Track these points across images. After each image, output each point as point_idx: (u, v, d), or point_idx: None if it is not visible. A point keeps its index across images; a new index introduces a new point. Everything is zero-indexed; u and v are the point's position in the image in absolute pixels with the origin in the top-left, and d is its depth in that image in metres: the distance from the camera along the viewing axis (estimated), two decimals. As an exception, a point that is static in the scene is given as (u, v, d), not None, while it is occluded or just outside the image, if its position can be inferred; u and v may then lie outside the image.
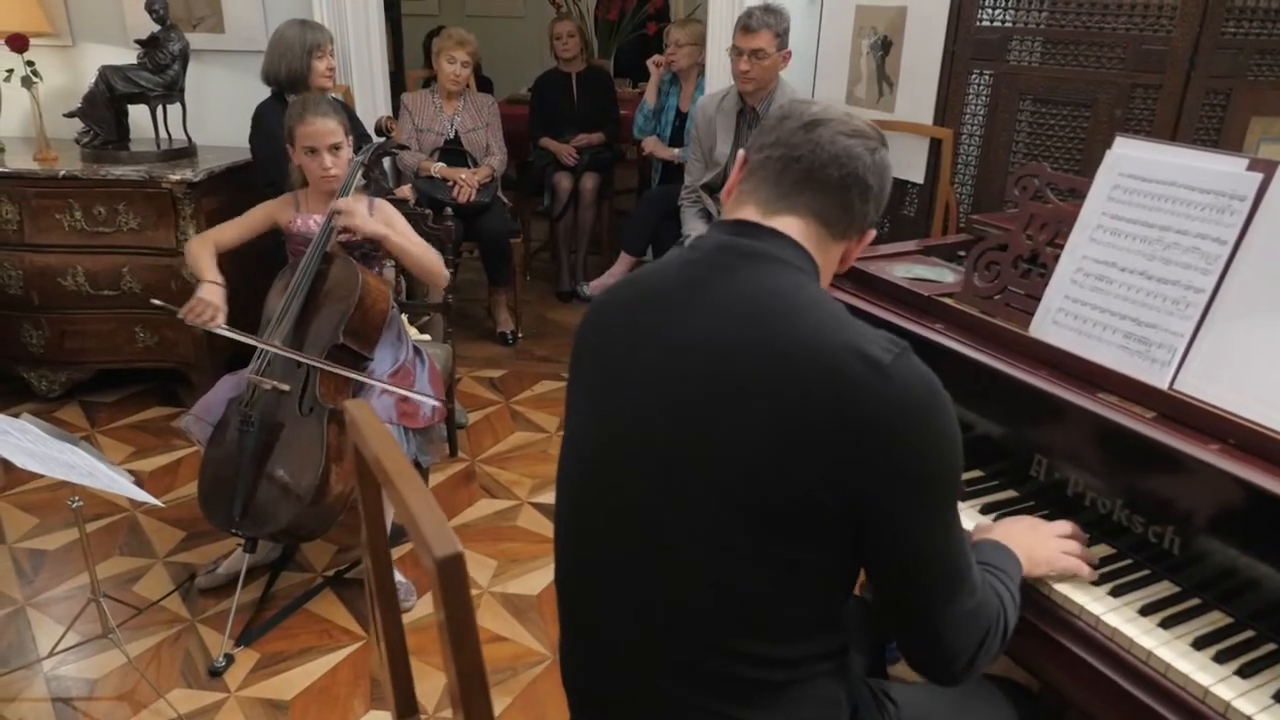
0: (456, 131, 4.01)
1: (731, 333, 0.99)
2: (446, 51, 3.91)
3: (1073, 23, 2.63)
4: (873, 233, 1.16)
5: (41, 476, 2.91)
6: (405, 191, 3.57)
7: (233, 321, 2.34)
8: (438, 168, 3.88)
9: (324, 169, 2.40)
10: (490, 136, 4.09)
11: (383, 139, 2.57)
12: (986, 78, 2.80)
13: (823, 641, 1.02)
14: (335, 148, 2.38)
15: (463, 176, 3.81)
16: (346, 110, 2.40)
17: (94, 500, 2.77)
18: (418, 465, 2.53)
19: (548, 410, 3.51)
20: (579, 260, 4.78)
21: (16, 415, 2.02)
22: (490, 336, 4.13)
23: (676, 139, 4.19)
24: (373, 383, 2.32)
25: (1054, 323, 1.47)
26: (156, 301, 2.34)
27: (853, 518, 0.94)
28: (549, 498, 2.92)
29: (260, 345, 2.25)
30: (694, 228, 3.20)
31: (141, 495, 1.77)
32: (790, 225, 1.07)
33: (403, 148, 2.76)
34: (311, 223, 2.45)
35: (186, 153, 3.44)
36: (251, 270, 2.68)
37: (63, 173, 3.16)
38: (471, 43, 3.95)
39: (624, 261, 4.11)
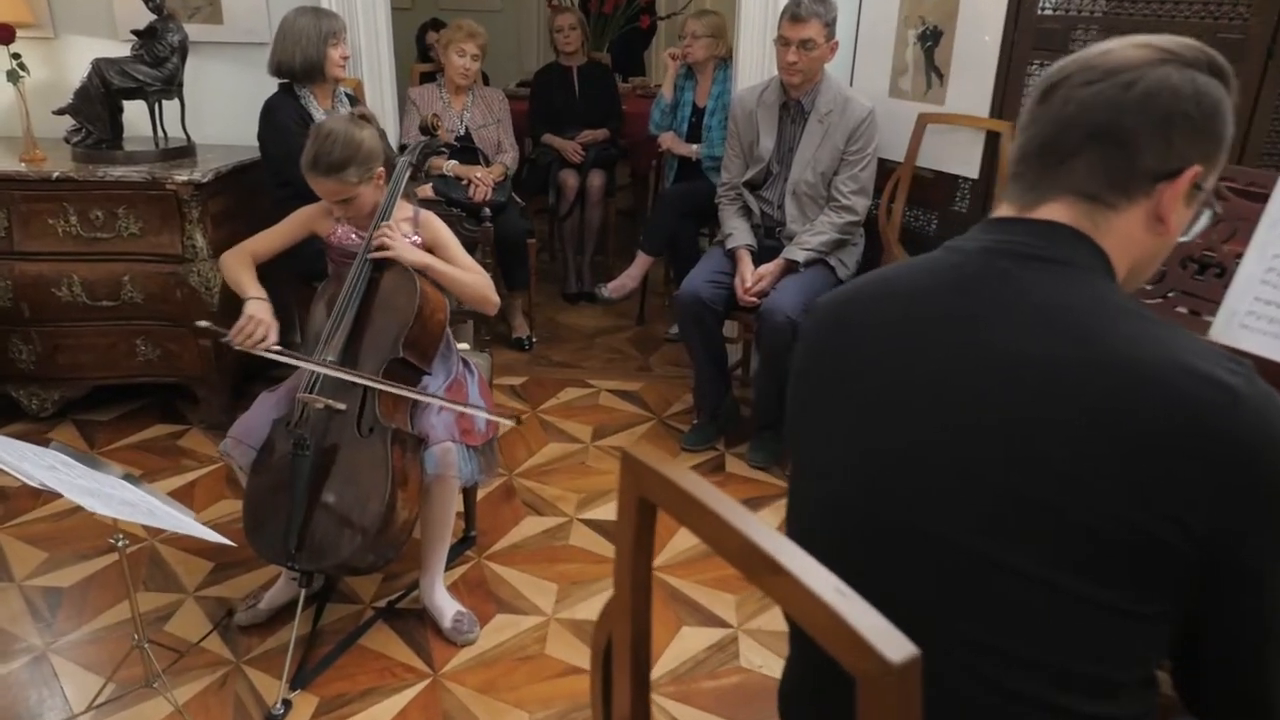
0: (467, 128, 3.82)
1: (1033, 347, 0.86)
2: (455, 44, 3.73)
3: (1141, 10, 2.55)
4: (1194, 170, 0.91)
5: (44, 505, 2.69)
6: (426, 191, 3.38)
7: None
8: (450, 166, 3.69)
9: (335, 215, 2.21)
10: (501, 133, 3.91)
11: (427, 138, 2.39)
12: (1048, 68, 2.70)
13: (1128, 704, 0.90)
14: (345, 201, 2.16)
15: (478, 175, 3.63)
16: (373, 126, 2.19)
17: (104, 529, 2.55)
18: (467, 490, 2.36)
19: (578, 419, 3.35)
20: (586, 261, 4.62)
21: (45, 444, 1.82)
22: (503, 341, 3.95)
23: (693, 135, 4.06)
24: (431, 399, 2.15)
25: (1242, 326, 1.37)
26: (203, 323, 2.13)
27: (1201, 559, 0.81)
28: (599, 513, 2.77)
29: (314, 368, 2.06)
30: (733, 226, 3.06)
31: (212, 535, 1.58)
32: (1055, 211, 0.94)
33: (451, 146, 2.58)
34: (353, 236, 2.26)
35: (186, 152, 3.21)
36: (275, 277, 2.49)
37: (56, 174, 2.91)
38: (482, 35, 3.77)
39: (642, 262, 3.96)
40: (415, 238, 2.26)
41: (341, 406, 2.05)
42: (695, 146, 4.00)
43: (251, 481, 2.11)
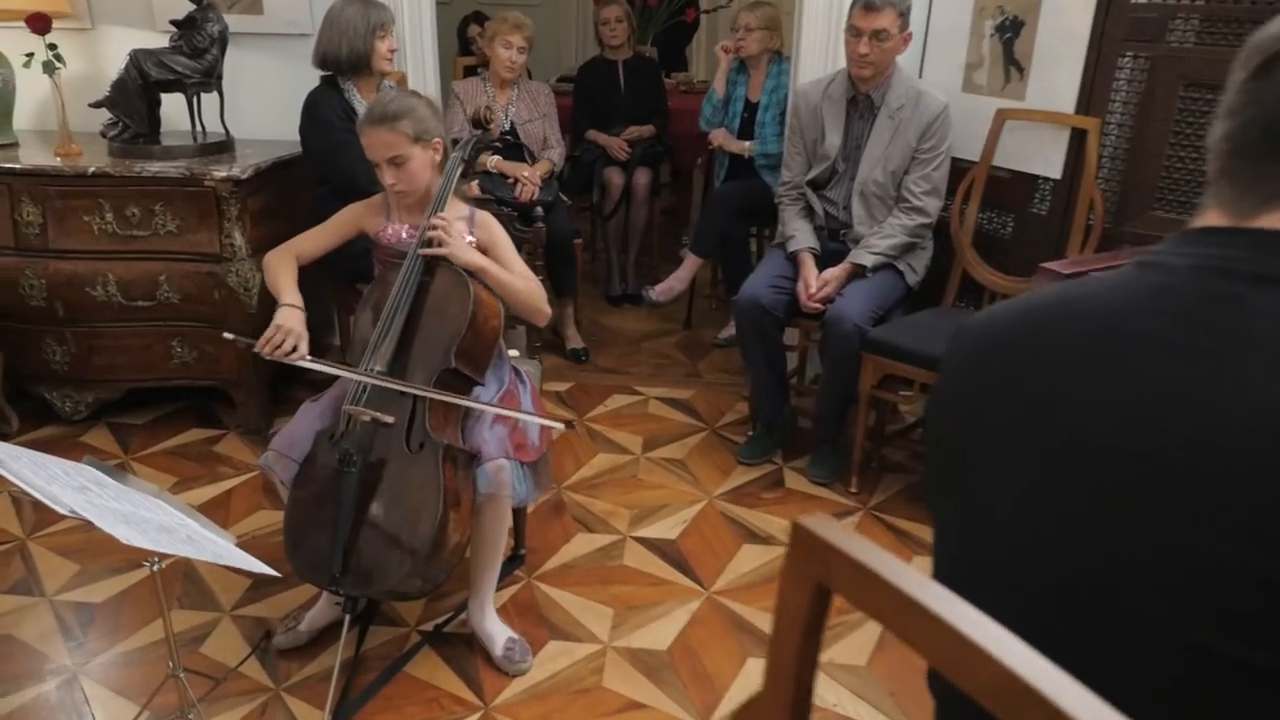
0: (512, 122, 3.68)
1: None
2: (501, 36, 3.59)
3: (1247, -3, 2.35)
4: None
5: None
6: (474, 189, 3.25)
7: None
8: (494, 162, 3.55)
9: (386, 184, 2.08)
10: (548, 128, 3.77)
11: (480, 132, 2.25)
12: (1141, 61, 2.52)
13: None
14: (395, 161, 2.03)
15: (524, 173, 3.49)
16: (430, 106, 2.06)
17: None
18: (517, 507, 2.21)
19: (627, 428, 3.20)
20: (630, 262, 4.47)
21: (77, 461, 1.70)
22: (554, 352, 3.76)
23: (745, 131, 3.89)
24: (486, 407, 2.00)
25: None
26: (229, 335, 2.00)
27: None
28: (652, 530, 2.62)
29: (353, 376, 1.93)
30: (796, 228, 2.90)
31: (255, 565, 1.44)
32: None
33: (505, 140, 2.44)
34: (404, 234, 2.13)
35: (224, 147, 3.10)
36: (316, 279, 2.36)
37: (92, 169, 2.81)
38: (528, 26, 3.63)
39: (690, 263, 3.80)
40: (470, 238, 2.12)
41: (389, 420, 1.91)
42: (748, 144, 3.84)
43: (293, 497, 1.98)
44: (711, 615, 2.28)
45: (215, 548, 1.46)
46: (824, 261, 2.85)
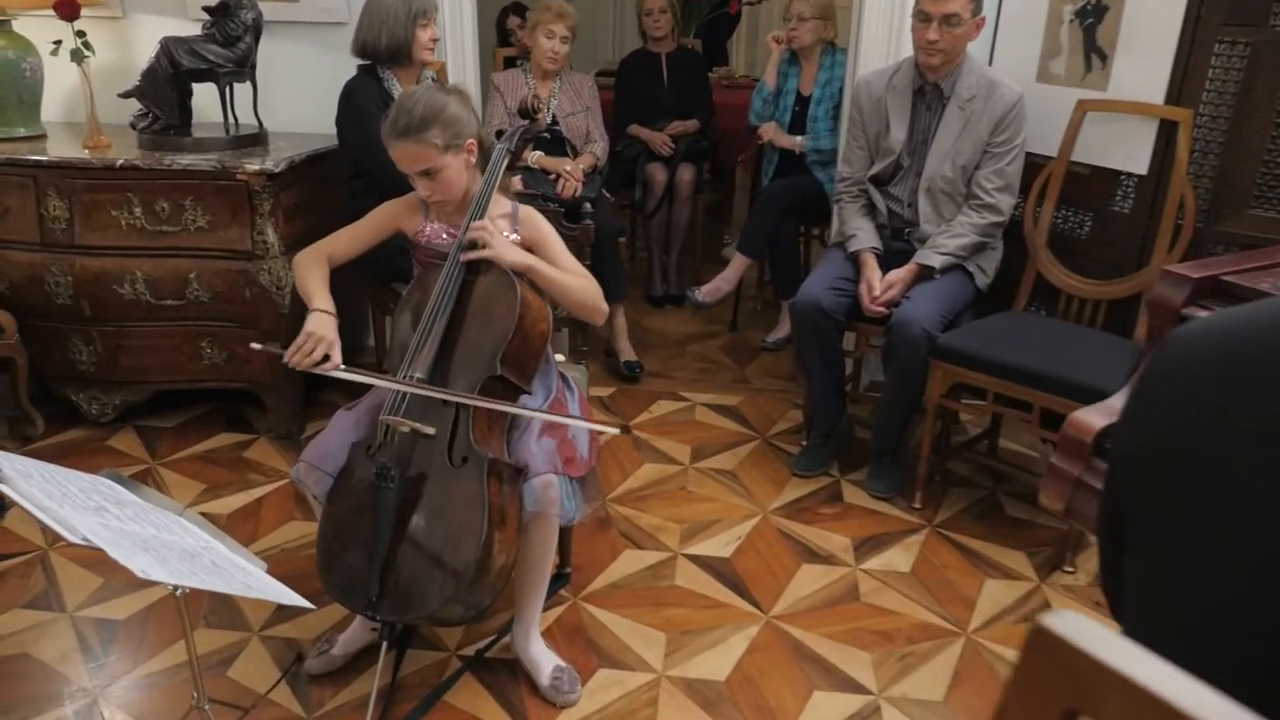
0: (554, 115, 3.53)
1: None
2: (544, 25, 3.44)
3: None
4: None
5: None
6: (515, 183, 3.10)
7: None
8: (535, 157, 3.40)
9: (421, 195, 1.93)
10: (590, 121, 3.61)
11: (527, 123, 2.10)
12: (1240, 47, 2.32)
13: None
14: (427, 173, 1.87)
15: (566, 168, 3.34)
16: (462, 96, 1.90)
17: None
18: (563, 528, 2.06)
19: (674, 436, 3.04)
20: (671, 261, 4.31)
21: (94, 468, 1.57)
22: (600, 362, 3.56)
23: (796, 126, 3.72)
24: (536, 414, 1.85)
25: None
26: (257, 345, 1.86)
27: None
28: (705, 548, 2.46)
29: (395, 387, 1.78)
30: (857, 226, 2.72)
31: (288, 597, 1.30)
32: None
33: (554, 132, 2.29)
34: (444, 235, 1.98)
35: (257, 139, 2.97)
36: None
37: (120, 162, 2.69)
38: (571, 15, 3.47)
39: (738, 264, 3.64)
40: (514, 236, 1.97)
41: (430, 431, 1.76)
42: (799, 138, 3.67)
43: (327, 513, 1.84)
44: (772, 642, 2.12)
45: (244, 577, 1.32)
46: (886, 262, 2.67)
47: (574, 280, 1.95)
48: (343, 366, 1.81)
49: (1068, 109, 2.62)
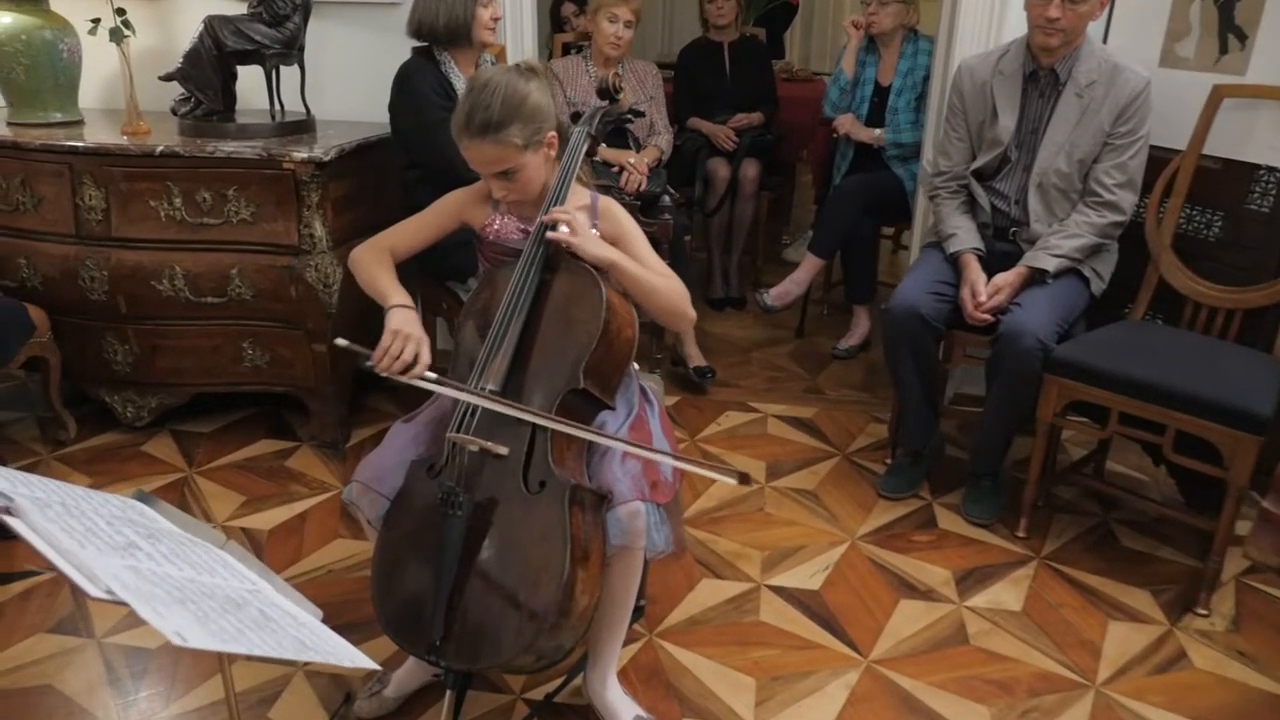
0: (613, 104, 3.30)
1: None
2: (607, 8, 3.22)
3: None
4: None
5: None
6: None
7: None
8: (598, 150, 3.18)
9: (495, 196, 1.71)
10: (655, 112, 3.39)
11: (607, 103, 1.88)
12: None
13: None
14: (507, 175, 1.66)
15: (630, 161, 3.11)
16: (542, 80, 1.68)
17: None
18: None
19: (746, 451, 2.81)
20: (733, 262, 4.08)
21: (130, 496, 1.36)
22: (668, 369, 3.33)
23: (874, 118, 3.47)
24: (614, 442, 1.62)
25: None
26: (342, 341, 1.63)
27: None
28: (790, 578, 2.22)
29: (472, 399, 1.56)
30: (956, 225, 2.47)
31: (351, 656, 1.08)
32: None
33: (637, 114, 2.07)
34: (515, 229, 1.77)
35: (304, 126, 2.78)
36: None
37: (160, 149, 2.50)
38: (637, -2, 3.25)
39: (809, 265, 3.40)
40: (593, 230, 1.75)
41: (503, 451, 1.54)
42: (877, 131, 3.42)
43: (384, 542, 1.63)
44: (875, 691, 1.88)
45: (297, 630, 1.10)
46: (989, 265, 2.42)
47: (660, 280, 1.73)
48: (431, 375, 1.59)
49: (1195, 96, 2.36)
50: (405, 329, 1.60)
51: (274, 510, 2.46)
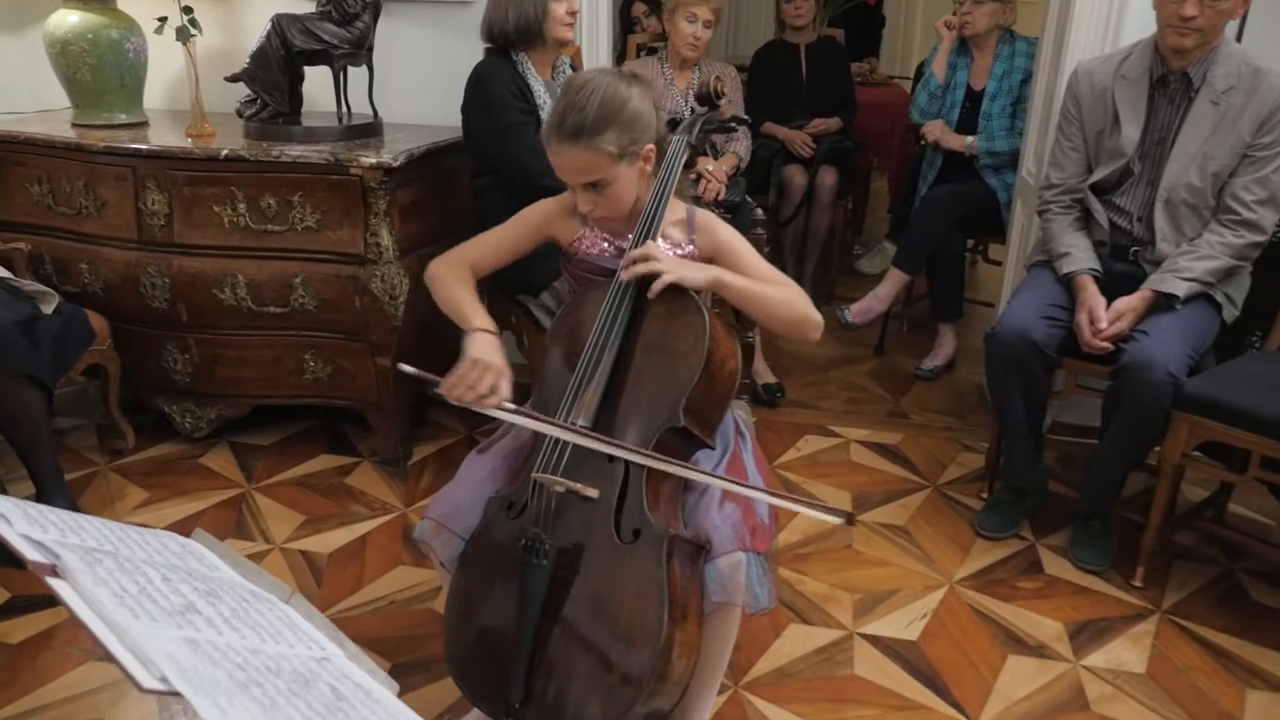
0: (693, 109, 3.14)
1: None
2: (686, 7, 3.06)
3: None
4: None
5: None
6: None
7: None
8: (673, 156, 3.02)
9: (581, 210, 1.56)
10: (733, 117, 3.22)
11: (707, 110, 1.73)
12: None
13: None
14: (596, 187, 1.51)
15: (709, 168, 2.95)
16: (645, 87, 1.52)
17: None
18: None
19: (830, 480, 2.63)
20: (807, 274, 3.90)
21: (185, 534, 1.24)
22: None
23: (965, 124, 3.27)
24: (715, 479, 1.46)
25: None
26: (406, 368, 1.49)
27: None
28: (885, 626, 2.05)
29: (560, 432, 1.41)
30: (1070, 243, 2.27)
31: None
32: None
33: (741, 121, 1.92)
34: (605, 247, 1.62)
35: (372, 130, 2.67)
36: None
37: (224, 152, 2.41)
38: (717, -3, 3.09)
39: (894, 280, 3.22)
40: (689, 247, 1.59)
41: (593, 493, 1.40)
42: (969, 138, 3.22)
43: (457, 586, 1.49)
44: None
45: (372, 710, 0.96)
46: (1107, 287, 2.21)
47: (776, 290, 1.57)
48: (509, 405, 1.44)
49: (1346, 105, 2.12)
50: (485, 357, 1.46)
51: (334, 532, 2.34)
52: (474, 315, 1.54)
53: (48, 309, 2.26)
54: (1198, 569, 2.28)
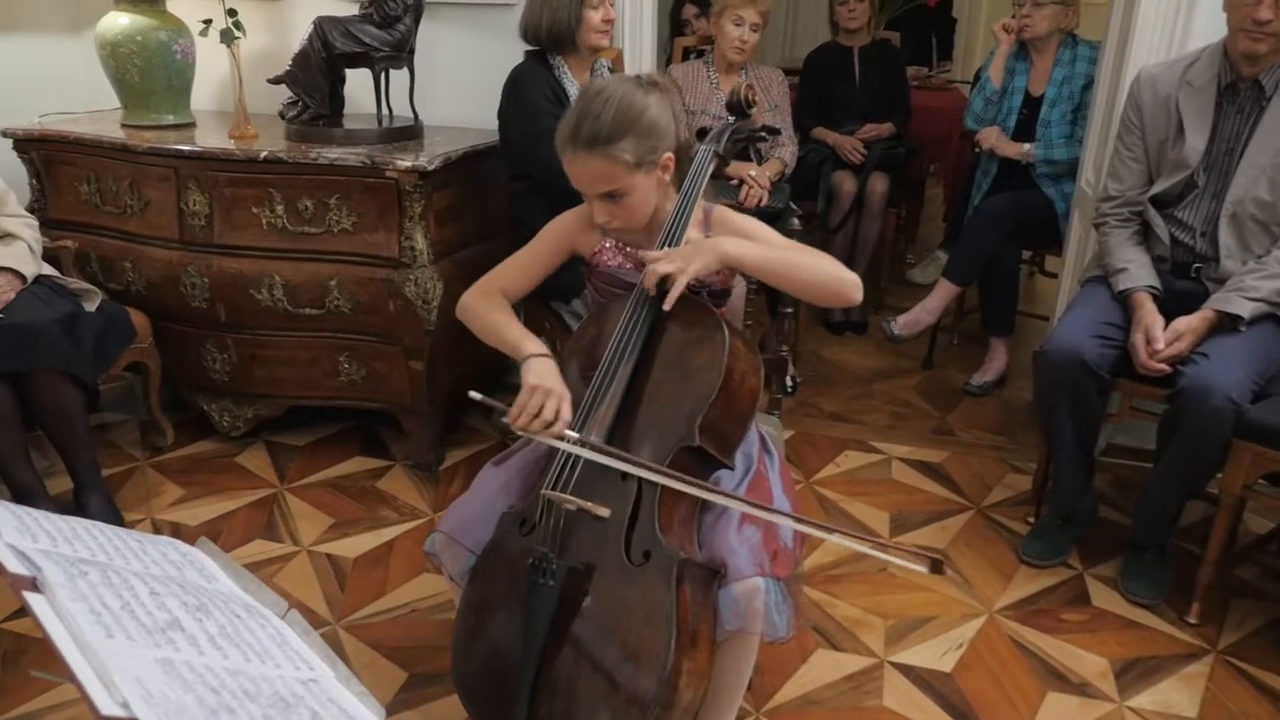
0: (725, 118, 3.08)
1: None
2: (733, 9, 3.01)
3: None
4: None
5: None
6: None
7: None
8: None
9: (597, 220, 1.51)
10: (779, 122, 3.15)
11: (736, 120, 1.67)
12: None
13: None
14: (612, 197, 1.46)
15: (751, 174, 2.89)
16: (667, 95, 1.47)
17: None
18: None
19: (867, 499, 2.55)
20: (855, 283, 3.79)
21: (191, 542, 1.22)
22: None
23: (1023, 131, 3.15)
24: (733, 501, 1.40)
25: None
26: (476, 395, 1.43)
27: None
28: (918, 655, 1.96)
29: (574, 449, 1.37)
30: (1127, 258, 2.15)
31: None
32: None
33: (773, 132, 1.86)
34: (622, 259, 1.57)
35: (411, 133, 2.66)
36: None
37: (264, 154, 2.42)
38: (765, 0, 3.03)
39: (943, 292, 3.11)
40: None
41: (604, 513, 1.35)
42: (1026, 146, 3.10)
43: (467, 601, 1.45)
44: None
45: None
46: (1166, 306, 2.09)
47: (800, 255, 1.50)
48: (572, 434, 1.38)
49: None
50: (545, 383, 1.40)
51: (361, 536, 2.33)
52: (524, 340, 1.49)
53: (91, 307, 2.29)
54: (1258, 607, 2.14)
